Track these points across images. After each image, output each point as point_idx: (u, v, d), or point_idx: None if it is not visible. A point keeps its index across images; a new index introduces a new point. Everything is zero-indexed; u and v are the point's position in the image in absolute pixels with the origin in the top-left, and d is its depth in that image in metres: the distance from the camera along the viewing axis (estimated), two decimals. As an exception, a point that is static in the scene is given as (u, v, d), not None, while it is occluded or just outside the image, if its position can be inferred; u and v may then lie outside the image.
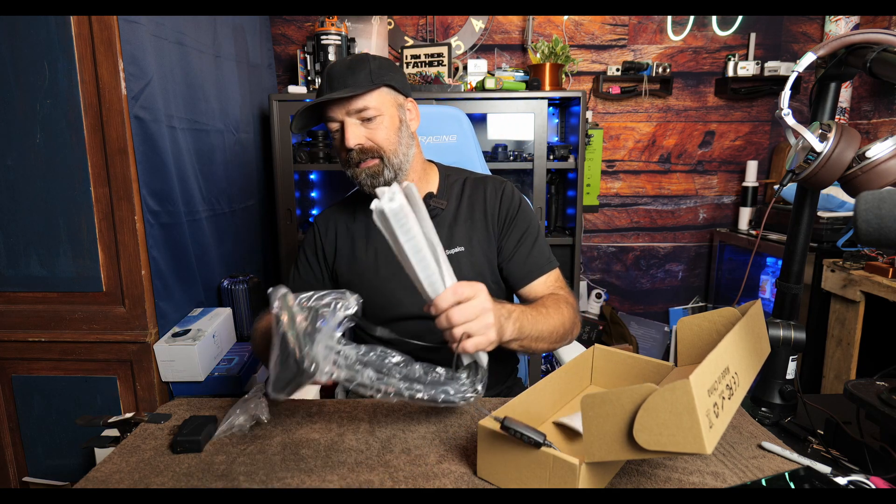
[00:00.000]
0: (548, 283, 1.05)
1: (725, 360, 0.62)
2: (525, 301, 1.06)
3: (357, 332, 1.08)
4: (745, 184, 2.45)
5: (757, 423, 0.82)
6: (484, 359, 0.77)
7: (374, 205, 0.68)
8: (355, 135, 0.97)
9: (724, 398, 0.58)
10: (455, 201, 1.09)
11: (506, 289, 1.12)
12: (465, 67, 2.27)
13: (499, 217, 1.07)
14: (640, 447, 0.53)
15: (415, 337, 0.83)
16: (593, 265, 2.66)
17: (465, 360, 0.77)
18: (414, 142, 1.06)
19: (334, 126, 0.99)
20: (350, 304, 0.69)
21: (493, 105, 2.08)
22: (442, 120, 1.44)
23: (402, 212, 0.68)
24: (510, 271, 1.06)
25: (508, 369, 1.16)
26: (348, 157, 0.99)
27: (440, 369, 0.76)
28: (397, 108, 1.01)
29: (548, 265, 1.06)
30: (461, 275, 1.01)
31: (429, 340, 0.85)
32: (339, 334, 0.68)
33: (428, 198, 1.06)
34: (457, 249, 1.05)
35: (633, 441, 0.54)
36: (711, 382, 0.56)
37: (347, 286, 1.07)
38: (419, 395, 0.71)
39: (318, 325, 0.65)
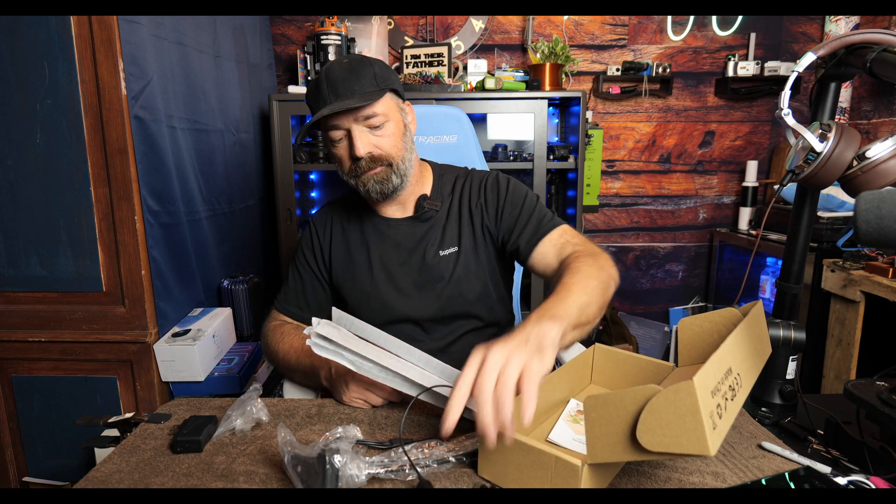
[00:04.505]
0: (555, 240, 0.98)
1: (728, 361, 0.61)
2: (537, 268, 1.00)
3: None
4: (745, 184, 2.45)
5: (757, 423, 0.82)
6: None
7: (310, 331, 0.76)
8: (365, 143, 0.94)
9: (727, 399, 0.58)
10: (447, 202, 1.07)
11: (504, 289, 1.11)
12: (465, 67, 2.27)
13: (488, 208, 1.05)
14: (643, 448, 0.53)
15: (407, 341, 0.80)
16: (593, 265, 2.66)
17: None
18: (414, 145, 1.05)
19: (338, 134, 0.96)
20: (349, 433, 0.68)
21: (493, 105, 2.08)
22: (442, 120, 1.44)
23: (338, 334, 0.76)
24: (518, 245, 1.01)
25: None
26: (355, 166, 0.96)
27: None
28: (400, 113, 1.00)
29: (549, 224, 1.00)
30: (452, 275, 1.02)
31: (424, 347, 0.83)
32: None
33: (421, 200, 1.05)
34: (450, 250, 1.04)
35: (636, 442, 0.54)
36: (715, 384, 0.56)
37: (342, 290, 1.07)
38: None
39: (338, 466, 0.62)
